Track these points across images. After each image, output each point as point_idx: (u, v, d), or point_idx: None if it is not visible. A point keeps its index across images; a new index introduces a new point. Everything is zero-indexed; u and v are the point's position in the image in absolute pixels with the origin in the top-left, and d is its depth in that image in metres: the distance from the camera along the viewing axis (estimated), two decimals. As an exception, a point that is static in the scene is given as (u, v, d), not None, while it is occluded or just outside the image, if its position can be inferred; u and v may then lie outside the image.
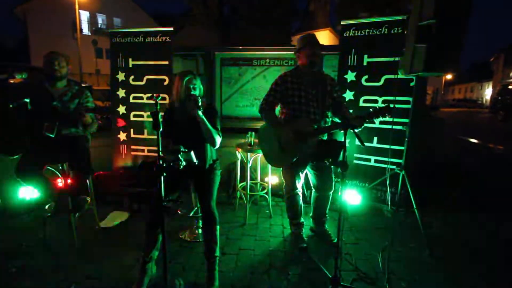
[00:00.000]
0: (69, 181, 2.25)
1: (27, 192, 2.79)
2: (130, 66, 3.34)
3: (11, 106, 2.06)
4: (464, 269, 2.07)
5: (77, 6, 13.78)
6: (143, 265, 1.80)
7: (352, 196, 2.83)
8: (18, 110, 2.06)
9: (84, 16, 19.81)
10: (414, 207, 2.33)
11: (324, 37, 20.66)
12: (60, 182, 2.32)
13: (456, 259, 2.20)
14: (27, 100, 2.16)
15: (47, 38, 17.59)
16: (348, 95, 2.96)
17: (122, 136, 3.42)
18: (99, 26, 21.02)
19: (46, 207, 2.28)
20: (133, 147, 3.43)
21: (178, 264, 2.05)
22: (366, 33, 2.85)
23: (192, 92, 1.86)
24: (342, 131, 1.64)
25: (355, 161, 3.01)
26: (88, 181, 2.41)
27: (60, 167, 2.26)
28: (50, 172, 2.37)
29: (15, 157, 2.20)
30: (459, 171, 3.93)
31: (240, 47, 3.66)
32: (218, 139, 1.89)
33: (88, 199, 2.52)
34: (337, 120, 2.28)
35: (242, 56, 3.66)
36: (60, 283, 1.84)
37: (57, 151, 2.18)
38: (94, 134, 2.51)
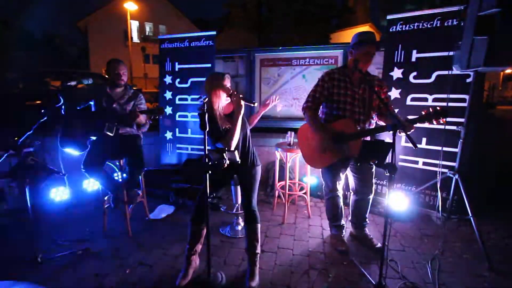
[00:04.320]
0: (124, 175, 2.49)
1: (90, 185, 3.16)
2: (176, 69, 3.57)
3: (78, 108, 2.36)
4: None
5: (128, 17, 15.07)
6: (187, 257, 1.92)
7: (397, 201, 2.68)
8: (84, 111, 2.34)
9: (134, 25, 21.55)
10: (470, 214, 2.13)
11: (365, 33, 19.57)
12: (117, 177, 2.58)
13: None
14: (92, 103, 2.46)
15: (103, 46, 19.55)
16: (394, 93, 2.81)
17: (169, 135, 3.67)
18: (147, 33, 22.69)
19: (105, 198, 2.55)
20: (178, 145, 3.66)
21: (219, 258, 2.15)
22: (415, 27, 2.67)
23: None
24: (391, 132, 1.57)
25: (400, 163, 2.84)
26: (140, 176, 2.64)
27: (117, 163, 2.52)
28: (109, 167, 2.64)
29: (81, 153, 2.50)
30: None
31: (280, 48, 3.68)
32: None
33: (140, 192, 2.75)
34: (381, 123, 2.18)
35: (281, 56, 3.68)
36: (118, 267, 2.05)
37: (116, 148, 2.42)
38: (145, 133, 2.74)
